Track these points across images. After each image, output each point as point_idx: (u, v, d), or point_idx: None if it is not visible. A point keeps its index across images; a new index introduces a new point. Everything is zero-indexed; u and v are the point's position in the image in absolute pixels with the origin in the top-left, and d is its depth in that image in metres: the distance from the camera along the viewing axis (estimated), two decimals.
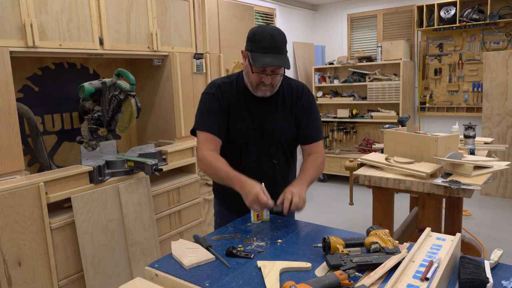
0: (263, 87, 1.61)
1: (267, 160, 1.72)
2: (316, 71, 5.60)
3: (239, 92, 1.69)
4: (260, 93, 1.63)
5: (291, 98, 1.72)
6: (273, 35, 1.54)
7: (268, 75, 1.58)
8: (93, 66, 2.95)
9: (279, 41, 1.55)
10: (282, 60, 1.54)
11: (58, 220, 2.11)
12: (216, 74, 3.34)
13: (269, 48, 1.53)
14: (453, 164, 2.19)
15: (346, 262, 1.16)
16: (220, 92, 1.67)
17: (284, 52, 1.57)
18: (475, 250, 3.10)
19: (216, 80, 1.74)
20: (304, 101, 1.73)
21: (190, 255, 1.30)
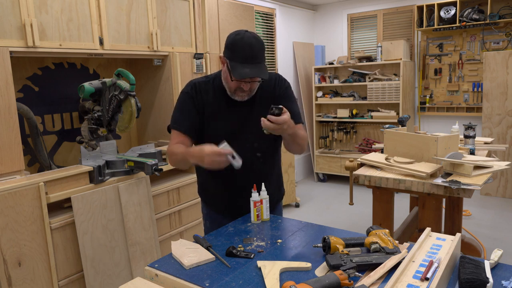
0: (240, 92, 1.64)
1: (251, 155, 1.72)
2: (316, 71, 5.60)
3: (216, 91, 1.71)
4: (238, 98, 1.66)
5: (268, 91, 1.74)
6: (251, 45, 1.55)
7: (248, 82, 1.60)
8: (93, 66, 2.95)
9: (257, 50, 1.57)
10: (260, 71, 1.56)
11: (58, 220, 2.11)
12: None
13: (247, 58, 1.54)
14: (453, 164, 2.19)
15: (346, 262, 1.16)
16: (195, 91, 1.70)
17: (262, 61, 1.59)
18: (475, 250, 3.10)
19: (194, 79, 1.77)
20: (279, 89, 1.75)
21: (190, 255, 1.30)
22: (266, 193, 1.63)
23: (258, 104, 1.72)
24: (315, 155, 5.71)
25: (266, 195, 1.64)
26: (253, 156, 1.73)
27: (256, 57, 1.56)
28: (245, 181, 1.71)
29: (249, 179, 1.71)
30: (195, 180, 2.96)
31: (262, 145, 1.74)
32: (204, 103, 1.70)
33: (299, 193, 5.14)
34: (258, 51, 1.57)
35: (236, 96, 1.66)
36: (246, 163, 1.67)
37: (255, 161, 1.73)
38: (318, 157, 5.69)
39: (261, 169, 1.77)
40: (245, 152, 1.67)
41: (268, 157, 1.78)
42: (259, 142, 1.73)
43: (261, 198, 1.62)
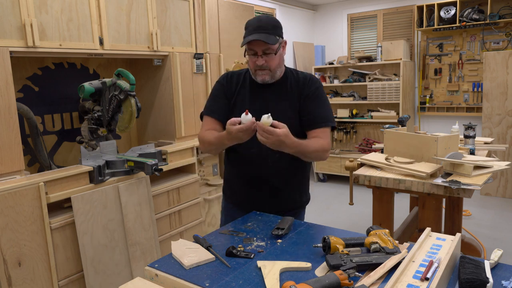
0: (260, 71, 1.66)
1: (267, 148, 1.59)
2: (316, 71, 5.60)
3: (247, 81, 1.77)
4: (259, 78, 1.68)
5: (298, 87, 1.74)
6: (260, 18, 1.64)
7: (260, 56, 1.63)
8: (93, 66, 2.95)
9: (266, 21, 1.62)
10: (263, 36, 1.57)
11: (58, 220, 2.11)
12: (216, 74, 3.33)
13: (255, 29, 1.60)
14: (453, 164, 2.19)
15: (346, 262, 1.16)
16: (226, 80, 1.79)
17: (270, 32, 1.60)
18: (475, 250, 3.10)
19: (229, 71, 1.85)
20: (309, 88, 1.73)
21: (190, 255, 1.30)
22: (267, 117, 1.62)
23: (286, 96, 1.73)
24: None
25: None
26: (268, 150, 1.65)
27: (262, 27, 1.59)
28: (258, 175, 1.74)
29: (262, 173, 1.73)
30: (195, 180, 2.97)
31: None
32: (233, 91, 1.76)
33: None
34: (267, 21, 1.62)
35: (257, 77, 1.68)
36: (261, 155, 1.71)
37: (270, 155, 1.69)
38: None
39: (276, 166, 1.73)
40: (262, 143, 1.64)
41: (284, 154, 1.66)
42: None
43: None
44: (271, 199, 1.77)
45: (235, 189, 1.88)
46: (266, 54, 1.63)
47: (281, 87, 1.74)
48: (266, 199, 1.78)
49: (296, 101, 1.73)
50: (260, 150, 1.68)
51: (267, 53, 1.63)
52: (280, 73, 1.72)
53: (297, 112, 1.73)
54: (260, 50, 1.62)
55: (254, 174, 1.76)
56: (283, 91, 1.74)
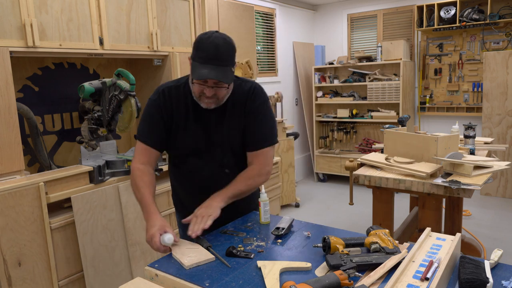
0: (205, 99, 1.49)
1: (220, 170, 1.62)
2: (316, 71, 5.60)
3: (187, 98, 1.57)
4: (204, 105, 1.51)
5: (240, 104, 1.58)
6: (217, 45, 1.41)
7: (210, 87, 1.45)
8: (93, 66, 2.95)
9: (223, 51, 1.42)
10: (221, 74, 1.41)
11: (58, 220, 2.11)
12: None
13: (209, 59, 1.41)
14: (453, 164, 2.19)
15: (346, 262, 1.16)
16: (163, 99, 1.57)
17: (227, 64, 1.44)
18: (475, 250, 3.10)
19: (163, 84, 1.62)
20: (253, 103, 1.58)
21: (190, 255, 1.30)
22: (266, 196, 1.58)
23: (229, 116, 1.58)
24: (315, 155, 5.71)
25: (266, 197, 1.58)
26: (222, 172, 1.61)
27: (220, 59, 1.42)
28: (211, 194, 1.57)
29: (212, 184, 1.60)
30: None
31: (231, 160, 1.62)
32: (172, 110, 1.57)
33: (299, 193, 5.14)
34: (223, 52, 1.43)
35: (202, 103, 1.51)
36: (215, 179, 1.61)
37: (224, 177, 1.60)
38: (318, 157, 5.69)
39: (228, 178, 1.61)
40: (213, 168, 1.61)
41: (237, 173, 1.61)
42: (228, 158, 1.61)
43: (259, 201, 1.59)
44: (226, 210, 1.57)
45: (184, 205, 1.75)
46: (217, 86, 1.46)
47: (223, 107, 1.57)
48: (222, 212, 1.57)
49: (241, 117, 1.59)
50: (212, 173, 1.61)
51: (219, 86, 1.46)
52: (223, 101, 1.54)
53: (241, 130, 1.60)
54: (211, 82, 1.45)
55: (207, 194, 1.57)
56: (226, 110, 1.58)
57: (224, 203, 1.50)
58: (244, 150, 1.63)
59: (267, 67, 5.13)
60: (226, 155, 1.62)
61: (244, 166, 1.65)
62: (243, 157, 1.65)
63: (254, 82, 1.66)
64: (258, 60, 4.93)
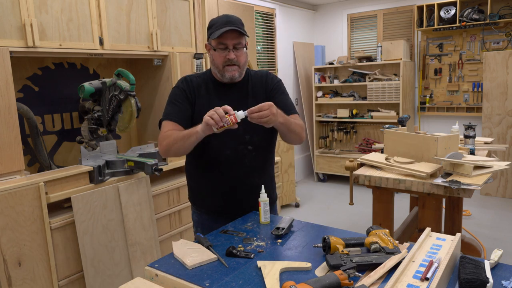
0: (229, 67, 1.63)
1: (243, 147, 1.70)
2: (316, 71, 5.60)
3: (208, 83, 1.72)
4: (228, 74, 1.65)
5: (261, 85, 1.76)
6: (228, 15, 1.63)
7: (231, 49, 1.61)
8: (93, 66, 2.95)
9: (235, 18, 1.62)
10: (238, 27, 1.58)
11: (58, 220, 2.11)
12: None
13: (225, 23, 1.58)
14: (453, 164, 2.19)
15: (346, 262, 1.16)
16: (186, 84, 1.71)
17: (241, 27, 1.61)
18: (475, 250, 3.10)
19: (186, 76, 1.78)
20: (272, 84, 1.77)
21: (192, 255, 1.30)
22: (265, 196, 1.59)
23: (252, 95, 1.73)
24: (315, 155, 5.71)
25: (266, 197, 1.59)
26: (245, 149, 1.70)
27: (233, 22, 1.59)
28: (235, 175, 1.70)
29: (239, 173, 1.70)
30: None
31: (254, 138, 1.72)
32: (196, 95, 1.70)
33: (299, 193, 5.14)
34: (235, 19, 1.62)
35: (226, 73, 1.65)
36: (237, 156, 1.69)
37: (247, 154, 1.71)
38: (318, 157, 5.69)
39: (253, 164, 1.73)
40: (237, 144, 1.69)
41: (260, 152, 1.75)
42: (251, 135, 1.70)
43: (260, 201, 1.59)
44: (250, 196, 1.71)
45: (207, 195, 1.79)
46: (236, 49, 1.62)
47: (244, 85, 1.74)
48: (244, 197, 1.74)
49: (264, 97, 1.73)
50: (235, 151, 1.69)
51: (237, 48, 1.62)
52: (243, 72, 1.72)
53: None
54: (231, 44, 1.60)
55: (231, 175, 1.71)
56: (247, 89, 1.73)
57: (281, 117, 1.54)
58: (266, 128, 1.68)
59: (267, 67, 5.13)
60: (249, 132, 1.70)
61: (267, 146, 1.79)
62: (265, 135, 1.75)
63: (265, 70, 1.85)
64: (258, 60, 4.93)
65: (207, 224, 1.78)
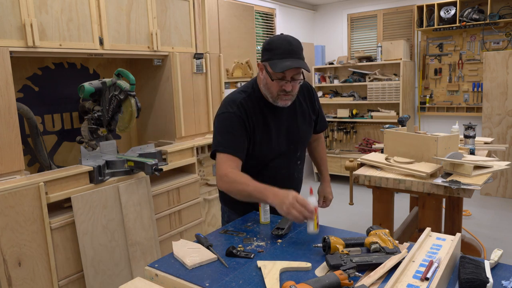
0: (284, 96, 1.57)
1: (294, 163, 1.77)
2: (316, 71, 5.60)
3: (260, 106, 1.63)
4: (281, 102, 1.59)
5: (305, 99, 1.77)
6: (290, 41, 1.55)
7: (288, 81, 1.54)
8: (93, 66, 2.95)
9: (297, 46, 1.56)
10: (301, 63, 1.53)
11: (58, 220, 2.11)
12: (216, 74, 3.34)
13: (288, 53, 1.52)
14: (453, 164, 2.19)
15: (346, 262, 1.16)
16: (242, 110, 1.59)
17: (302, 57, 1.56)
18: (475, 250, 3.10)
19: (233, 96, 1.64)
20: (316, 99, 1.83)
21: (193, 255, 1.30)
22: None
23: (300, 112, 1.74)
24: None
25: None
26: (295, 165, 1.77)
27: (295, 53, 1.54)
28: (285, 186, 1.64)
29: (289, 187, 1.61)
30: (195, 180, 2.96)
31: (302, 153, 1.80)
32: (253, 120, 1.61)
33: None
34: (297, 47, 1.56)
35: (279, 101, 1.58)
36: (290, 172, 1.77)
37: (296, 168, 1.79)
38: None
39: (300, 175, 1.84)
40: (292, 163, 1.76)
41: (304, 161, 1.84)
42: (300, 151, 1.78)
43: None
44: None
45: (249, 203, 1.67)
46: (294, 79, 1.56)
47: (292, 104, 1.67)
48: None
49: (310, 113, 1.78)
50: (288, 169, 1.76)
51: (295, 79, 1.56)
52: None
53: (311, 123, 1.81)
54: (290, 76, 1.54)
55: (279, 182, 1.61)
56: (295, 107, 1.72)
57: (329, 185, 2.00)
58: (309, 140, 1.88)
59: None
60: (300, 149, 1.78)
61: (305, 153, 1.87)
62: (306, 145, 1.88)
63: None
64: (258, 60, 4.92)
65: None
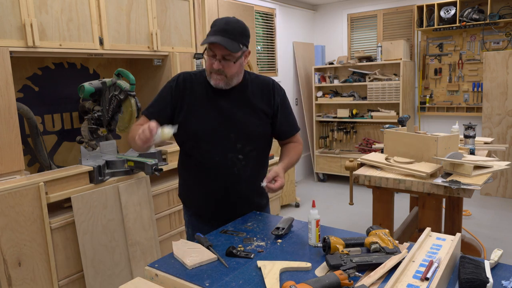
0: (215, 74, 1.56)
1: (233, 156, 1.64)
2: (316, 71, 5.60)
3: (206, 84, 1.64)
4: (213, 82, 1.58)
5: (261, 94, 1.69)
6: (228, 21, 1.54)
7: (218, 60, 1.53)
8: (93, 66, 2.95)
9: (234, 26, 1.52)
10: (227, 42, 1.48)
11: (58, 220, 2.11)
12: None
13: (219, 31, 1.50)
14: (453, 164, 2.19)
15: (346, 262, 1.16)
16: (177, 81, 1.65)
17: (235, 39, 1.51)
18: (475, 250, 3.10)
19: (184, 72, 1.71)
20: (278, 97, 1.72)
21: (192, 255, 1.30)
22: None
23: (248, 104, 1.66)
24: (315, 155, 5.71)
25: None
26: (234, 157, 1.63)
27: (228, 32, 1.50)
28: (224, 183, 1.65)
29: (227, 181, 1.65)
30: None
31: (246, 147, 1.65)
32: (186, 93, 1.64)
33: (299, 193, 5.14)
34: (233, 27, 1.52)
35: (212, 80, 1.58)
36: (227, 164, 1.63)
37: (237, 163, 1.64)
38: (318, 157, 5.69)
39: (242, 173, 1.66)
40: (226, 151, 1.63)
41: (251, 161, 1.67)
42: (242, 144, 1.64)
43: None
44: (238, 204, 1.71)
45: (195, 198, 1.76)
46: (225, 59, 1.53)
47: (240, 93, 1.65)
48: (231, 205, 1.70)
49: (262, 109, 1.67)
50: (225, 158, 1.63)
51: (226, 59, 1.53)
52: (237, 81, 1.63)
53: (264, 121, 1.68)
54: (220, 54, 1.52)
55: (219, 183, 1.65)
56: (243, 98, 1.65)
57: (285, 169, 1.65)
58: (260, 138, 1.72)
59: (267, 67, 5.13)
60: (241, 141, 1.64)
61: (258, 154, 1.72)
62: (258, 145, 1.71)
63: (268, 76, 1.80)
64: (258, 60, 4.92)
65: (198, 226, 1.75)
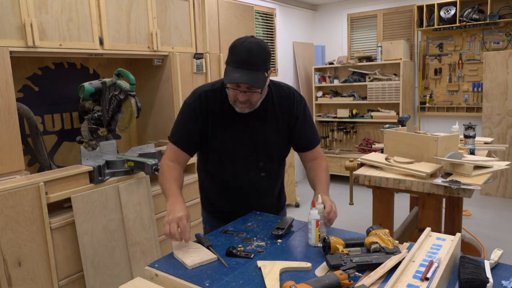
0: (239, 103, 1.50)
1: (255, 174, 1.66)
2: (316, 71, 5.60)
3: (224, 102, 1.57)
4: (238, 109, 1.53)
5: (282, 108, 1.62)
6: (251, 49, 1.41)
7: (243, 92, 1.46)
8: (93, 66, 2.95)
9: (256, 56, 1.42)
10: (252, 78, 1.41)
11: (58, 220, 2.11)
12: (216, 74, 3.34)
13: (242, 63, 1.41)
14: (453, 164, 2.19)
15: (346, 262, 1.16)
16: (200, 102, 1.57)
17: (260, 69, 1.44)
18: (475, 250, 3.10)
19: (200, 88, 1.63)
20: (297, 109, 1.64)
21: (193, 255, 1.30)
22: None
23: (272, 120, 1.61)
24: None
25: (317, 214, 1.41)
26: (258, 176, 1.66)
27: (252, 63, 1.41)
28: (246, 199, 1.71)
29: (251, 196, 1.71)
30: (195, 180, 2.96)
31: (268, 165, 1.66)
32: (211, 115, 1.57)
33: (299, 193, 5.14)
34: (257, 57, 1.43)
35: (236, 107, 1.52)
36: (250, 182, 1.67)
37: (260, 180, 1.68)
38: None
39: (265, 187, 1.72)
40: (250, 171, 1.65)
41: (272, 175, 1.72)
42: (265, 162, 1.65)
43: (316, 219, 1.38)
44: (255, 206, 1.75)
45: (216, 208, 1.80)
46: (250, 90, 1.46)
47: (263, 110, 1.59)
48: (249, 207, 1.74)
49: (282, 124, 1.63)
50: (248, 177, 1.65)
51: (252, 90, 1.46)
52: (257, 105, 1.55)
53: (284, 135, 1.65)
54: (244, 86, 1.45)
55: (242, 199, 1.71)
56: (266, 114, 1.60)
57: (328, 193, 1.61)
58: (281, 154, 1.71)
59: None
60: (263, 159, 1.64)
61: (278, 169, 1.74)
62: (279, 161, 1.73)
63: (288, 85, 1.71)
64: None
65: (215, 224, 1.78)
